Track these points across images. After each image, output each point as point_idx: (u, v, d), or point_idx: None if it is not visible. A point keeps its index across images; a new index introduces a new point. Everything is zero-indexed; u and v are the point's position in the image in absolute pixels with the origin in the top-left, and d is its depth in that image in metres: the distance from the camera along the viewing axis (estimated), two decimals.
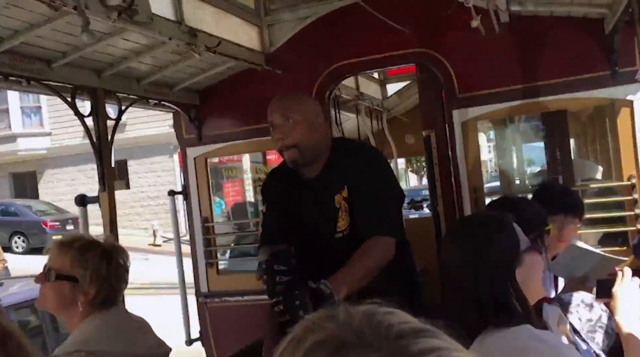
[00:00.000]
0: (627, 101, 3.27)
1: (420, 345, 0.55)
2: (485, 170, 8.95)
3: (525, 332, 1.40)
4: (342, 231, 2.34)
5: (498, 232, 1.51)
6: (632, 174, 3.26)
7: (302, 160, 2.30)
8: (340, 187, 2.33)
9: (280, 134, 2.28)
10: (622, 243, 3.34)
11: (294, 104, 2.34)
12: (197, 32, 3.05)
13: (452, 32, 3.48)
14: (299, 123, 2.27)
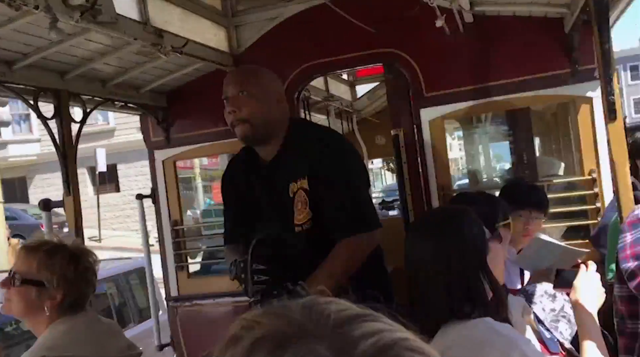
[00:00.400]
0: (586, 98, 3.36)
1: (362, 329, 0.55)
2: (457, 168, 9.07)
3: (483, 324, 1.43)
4: (302, 225, 2.16)
5: (466, 222, 1.55)
6: (592, 169, 3.35)
7: (254, 136, 2.17)
8: (297, 175, 2.16)
9: (232, 107, 2.16)
10: (585, 236, 3.43)
11: (250, 77, 2.23)
12: (163, 33, 3.03)
13: (418, 32, 3.53)
14: (253, 96, 2.15)
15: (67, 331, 1.90)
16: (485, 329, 1.42)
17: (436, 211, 2.12)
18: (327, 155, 2.15)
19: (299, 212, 2.16)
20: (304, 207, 2.15)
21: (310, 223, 2.15)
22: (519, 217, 2.68)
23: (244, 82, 2.18)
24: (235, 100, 2.15)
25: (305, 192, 2.15)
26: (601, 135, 3.30)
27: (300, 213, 2.15)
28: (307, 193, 2.14)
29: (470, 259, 1.50)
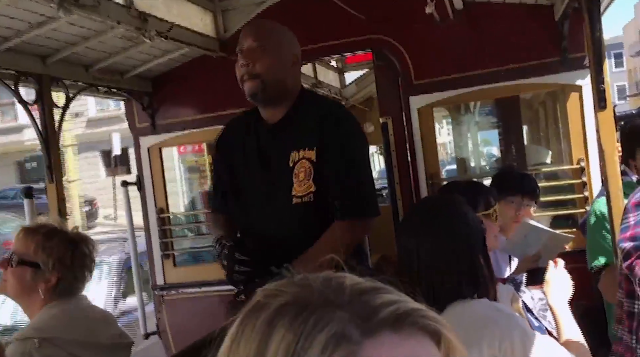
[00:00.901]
0: (576, 86, 3.35)
1: (381, 299, 0.58)
2: (446, 152, 9.09)
3: (484, 303, 1.53)
4: (302, 197, 1.99)
5: (466, 207, 1.64)
6: (581, 158, 3.35)
7: (263, 94, 2.02)
8: (303, 144, 2.02)
9: (246, 59, 2.01)
10: (572, 225, 3.44)
11: (270, 32, 2.08)
12: (148, 17, 2.96)
13: (408, 18, 3.49)
14: (270, 52, 2.01)
15: (58, 314, 1.91)
16: (487, 307, 1.51)
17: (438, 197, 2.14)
18: (341, 132, 2.03)
19: (299, 183, 1.99)
20: (307, 178, 1.99)
21: (311, 197, 1.98)
22: (510, 203, 2.69)
23: (263, 35, 2.04)
24: (250, 52, 2.01)
25: (311, 163, 1.99)
26: (590, 124, 3.30)
27: (301, 185, 1.99)
28: (313, 165, 1.99)
29: (475, 240, 1.58)
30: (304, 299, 0.58)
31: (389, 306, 0.58)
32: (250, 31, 2.09)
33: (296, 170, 2.00)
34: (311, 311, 0.57)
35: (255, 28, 2.15)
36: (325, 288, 0.60)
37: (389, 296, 0.60)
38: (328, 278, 0.62)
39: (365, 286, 0.61)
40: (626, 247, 1.70)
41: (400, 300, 0.59)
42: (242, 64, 2.02)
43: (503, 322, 1.47)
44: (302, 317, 0.56)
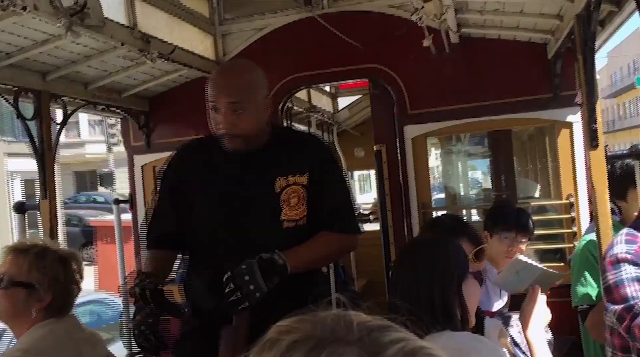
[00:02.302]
0: (567, 123, 3.43)
1: (389, 337, 0.61)
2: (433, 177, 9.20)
3: (466, 335, 1.58)
4: (296, 220, 2.03)
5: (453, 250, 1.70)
6: (570, 193, 3.41)
7: (246, 148, 2.00)
8: (291, 170, 2.04)
9: (225, 124, 1.95)
10: (560, 259, 3.49)
11: (245, 91, 1.98)
12: (150, 39, 3.00)
13: (405, 50, 3.56)
14: (248, 112, 1.96)
15: (45, 335, 1.88)
16: (470, 339, 1.55)
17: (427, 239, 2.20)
18: (326, 156, 2.13)
19: (291, 207, 2.02)
20: (301, 203, 2.02)
21: (305, 220, 2.04)
22: (504, 238, 2.72)
23: (240, 95, 1.96)
24: (228, 116, 1.94)
25: (304, 188, 2.03)
26: (580, 160, 3.37)
27: (294, 208, 2.02)
28: (305, 189, 2.03)
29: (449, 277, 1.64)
30: (315, 336, 0.61)
31: (397, 343, 0.60)
32: (225, 92, 1.96)
33: (284, 195, 2.01)
34: (323, 347, 0.59)
35: (230, 86, 1.99)
36: (335, 325, 0.62)
37: (396, 333, 0.62)
38: (338, 315, 0.64)
39: (373, 324, 0.63)
40: (617, 309, 1.73)
41: (407, 338, 0.62)
42: (221, 126, 1.96)
43: (485, 353, 1.50)
44: (314, 353, 0.59)
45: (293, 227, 2.02)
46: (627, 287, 1.71)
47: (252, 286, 1.84)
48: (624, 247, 1.79)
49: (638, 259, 1.74)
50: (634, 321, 1.66)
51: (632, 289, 1.71)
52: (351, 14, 3.67)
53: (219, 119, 1.97)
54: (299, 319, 0.64)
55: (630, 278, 1.72)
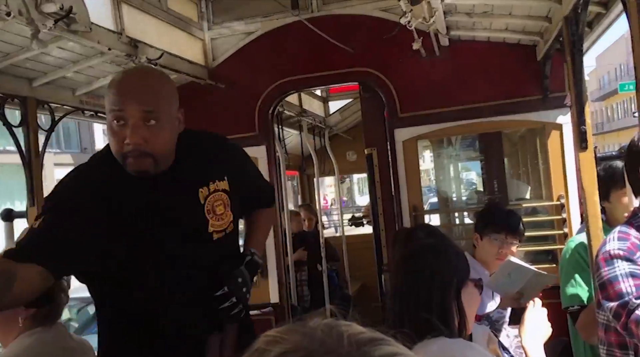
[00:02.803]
0: (557, 124, 3.44)
1: (381, 351, 0.59)
2: (429, 178, 9.22)
3: (460, 342, 1.57)
4: (225, 229, 1.83)
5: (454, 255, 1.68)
6: (561, 194, 3.42)
7: (155, 171, 1.68)
8: (209, 178, 1.82)
9: (134, 138, 1.59)
10: (552, 260, 3.49)
11: (159, 97, 1.64)
12: (138, 44, 2.97)
13: (395, 53, 3.56)
14: (163, 127, 1.64)
15: (33, 344, 1.85)
16: (463, 346, 1.55)
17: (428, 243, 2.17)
18: (236, 153, 2.00)
19: (217, 217, 1.81)
20: (227, 209, 1.83)
21: (232, 225, 1.87)
22: (494, 240, 2.71)
23: (154, 103, 1.62)
24: (139, 129, 1.59)
25: (226, 193, 1.84)
26: (570, 161, 3.38)
27: (221, 218, 1.82)
28: (228, 194, 1.84)
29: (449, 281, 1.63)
30: (305, 348, 0.59)
31: None
32: (136, 98, 1.61)
33: (208, 205, 1.80)
34: None
35: (142, 87, 1.65)
36: (326, 337, 0.60)
37: (388, 347, 0.60)
38: (329, 326, 0.62)
39: (365, 336, 0.61)
40: (612, 307, 1.72)
41: (398, 352, 0.60)
42: (129, 141, 1.60)
43: None
44: None
45: (223, 237, 1.84)
46: (622, 283, 1.72)
47: (245, 288, 1.83)
48: (617, 244, 1.79)
49: (631, 255, 1.75)
50: (630, 317, 1.65)
51: (626, 284, 1.71)
52: (340, 17, 3.66)
53: (126, 133, 1.59)
54: (289, 329, 0.63)
55: (624, 274, 1.72)
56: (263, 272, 3.75)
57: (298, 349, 0.59)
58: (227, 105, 3.82)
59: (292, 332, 0.62)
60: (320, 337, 0.60)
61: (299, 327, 0.63)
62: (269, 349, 0.60)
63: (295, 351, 0.59)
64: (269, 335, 0.63)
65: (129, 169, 1.66)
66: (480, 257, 2.77)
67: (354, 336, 0.61)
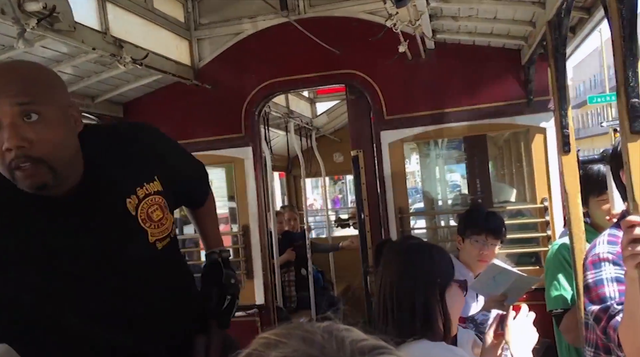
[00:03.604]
0: (540, 128, 3.47)
1: None
2: (414, 180, 9.27)
3: (442, 346, 1.58)
4: (169, 235, 1.61)
5: (438, 256, 1.71)
6: (544, 197, 3.45)
7: (54, 182, 1.35)
8: (137, 184, 1.55)
9: (13, 139, 1.28)
10: (535, 262, 3.52)
11: (41, 87, 1.34)
12: (123, 43, 2.95)
13: (381, 55, 3.57)
14: (49, 122, 1.32)
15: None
16: (444, 349, 1.56)
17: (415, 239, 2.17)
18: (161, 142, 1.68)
19: (156, 224, 1.57)
20: (166, 212, 1.59)
21: (174, 228, 1.65)
22: (475, 242, 2.73)
23: (32, 93, 1.31)
24: (18, 127, 1.28)
25: (160, 194, 1.59)
26: (553, 165, 3.41)
27: (161, 224, 1.58)
28: (163, 195, 1.59)
29: (431, 284, 1.64)
30: (304, 353, 0.58)
31: None
32: (8, 83, 1.31)
33: (142, 214, 1.55)
34: None
35: (15, 77, 1.33)
36: (326, 343, 0.59)
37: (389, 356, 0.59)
38: (329, 331, 0.61)
39: (366, 344, 0.60)
40: (594, 310, 1.73)
41: None
42: (11, 146, 1.28)
43: None
44: None
45: (168, 244, 1.62)
46: (606, 286, 1.72)
47: (235, 281, 1.84)
48: (606, 248, 1.80)
49: (619, 259, 1.75)
50: (609, 323, 1.67)
51: (610, 289, 1.71)
52: (327, 19, 3.67)
53: (4, 138, 1.28)
54: (287, 332, 0.61)
55: (609, 278, 1.73)
56: (248, 269, 3.76)
57: (297, 354, 0.58)
58: (213, 106, 3.81)
59: (290, 335, 0.60)
60: (320, 342, 0.59)
61: (297, 330, 0.61)
62: (266, 352, 0.59)
63: (294, 356, 0.57)
64: (267, 337, 0.61)
65: (22, 186, 1.33)
66: (463, 260, 2.79)
67: (356, 343, 0.60)
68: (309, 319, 0.95)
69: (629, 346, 1.60)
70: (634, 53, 1.49)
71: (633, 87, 1.50)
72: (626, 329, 1.59)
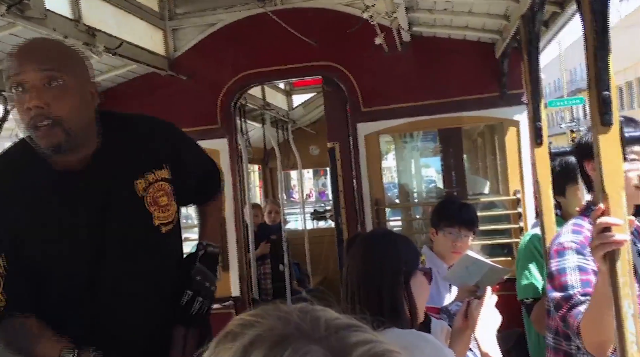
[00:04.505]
0: (514, 121, 3.52)
1: (356, 337, 0.59)
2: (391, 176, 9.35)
3: (413, 333, 1.59)
4: (172, 221, 1.73)
5: (403, 245, 1.72)
6: (517, 190, 3.51)
7: (67, 145, 1.52)
8: (146, 168, 1.68)
9: (37, 100, 1.47)
10: (508, 254, 3.58)
11: (62, 59, 1.54)
12: (96, 32, 2.90)
13: (358, 47, 3.57)
14: (69, 89, 1.50)
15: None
16: (416, 337, 1.56)
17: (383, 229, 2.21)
18: (175, 136, 1.82)
19: (162, 208, 1.70)
20: (171, 199, 1.71)
21: (177, 216, 1.76)
22: (448, 234, 2.76)
23: (56, 65, 1.50)
24: (41, 91, 1.48)
25: (168, 181, 1.71)
26: (526, 157, 3.46)
27: (166, 210, 1.71)
28: (170, 182, 1.72)
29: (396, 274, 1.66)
30: (280, 331, 0.58)
31: (363, 345, 0.58)
32: (34, 57, 1.51)
33: (149, 198, 1.68)
34: (287, 342, 0.57)
35: (40, 53, 1.53)
36: (301, 321, 0.59)
37: (364, 334, 0.60)
38: (304, 311, 0.62)
39: (341, 322, 0.61)
40: (555, 297, 1.77)
41: (374, 340, 0.60)
42: (31, 106, 1.47)
43: (429, 352, 1.50)
44: (277, 348, 0.56)
45: (171, 229, 1.74)
46: (569, 275, 1.76)
47: (208, 283, 1.80)
48: (570, 237, 1.84)
49: (582, 248, 1.79)
50: (570, 311, 1.71)
51: (572, 277, 1.75)
52: (304, 10, 3.66)
53: (27, 99, 1.48)
54: (263, 313, 0.62)
55: (572, 267, 1.77)
56: (224, 262, 3.73)
57: (273, 332, 0.58)
58: (188, 97, 3.77)
59: (266, 315, 0.61)
60: (296, 321, 0.60)
61: (273, 311, 0.62)
62: (243, 332, 0.59)
63: (269, 334, 0.58)
64: (242, 318, 0.62)
65: (40, 144, 1.52)
66: (437, 251, 2.82)
67: (331, 321, 0.60)
68: None
69: (592, 337, 1.63)
70: (605, 47, 1.53)
71: (604, 81, 1.54)
72: (591, 322, 1.62)
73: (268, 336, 0.58)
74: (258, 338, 0.58)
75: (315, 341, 0.57)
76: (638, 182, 1.81)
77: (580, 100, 26.94)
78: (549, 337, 2.01)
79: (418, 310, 1.68)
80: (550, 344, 2.00)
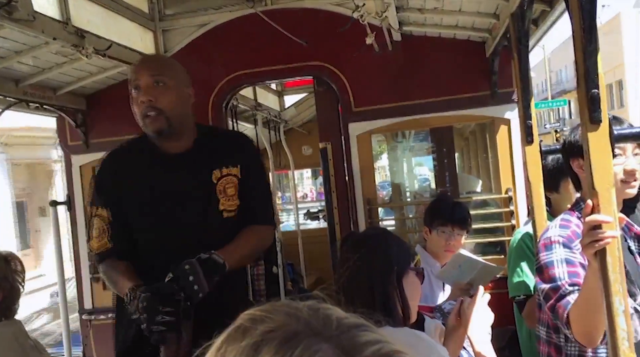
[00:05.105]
0: (505, 119, 3.54)
1: (366, 337, 0.59)
2: (385, 175, 9.38)
3: (406, 331, 1.60)
4: (233, 211, 2.13)
5: (395, 244, 1.73)
6: (509, 188, 3.52)
7: (169, 130, 2.06)
8: (224, 163, 2.14)
9: (147, 96, 2.02)
10: (500, 252, 3.59)
11: (166, 67, 2.14)
12: (85, 34, 2.88)
13: (348, 47, 3.57)
14: (170, 89, 2.06)
15: None
16: (408, 334, 1.57)
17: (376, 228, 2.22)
18: (255, 154, 2.28)
19: (228, 198, 2.12)
20: (234, 193, 2.13)
21: (237, 211, 2.14)
22: (441, 233, 2.77)
23: (160, 72, 2.08)
24: (150, 90, 2.03)
25: (237, 178, 2.13)
26: (518, 155, 3.48)
27: (231, 199, 2.12)
28: (238, 180, 2.13)
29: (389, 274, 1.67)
30: (291, 327, 0.58)
31: (373, 345, 0.58)
32: (146, 67, 2.12)
33: (220, 186, 2.11)
34: (298, 340, 0.57)
35: (152, 64, 2.18)
36: (312, 319, 0.60)
37: (373, 335, 0.60)
38: (315, 308, 0.62)
39: (351, 321, 0.61)
40: (544, 288, 1.80)
41: (383, 340, 0.60)
42: (143, 100, 2.03)
43: (422, 349, 1.52)
44: (288, 346, 0.56)
45: (233, 217, 2.11)
46: (556, 268, 1.79)
47: (197, 286, 1.84)
48: (558, 231, 1.87)
49: (569, 242, 1.82)
50: (559, 302, 1.73)
51: (560, 270, 1.78)
52: (294, 10, 3.65)
53: (140, 96, 2.03)
54: (273, 308, 0.62)
55: (559, 260, 1.80)
56: None
57: (284, 328, 0.58)
58: None
59: (277, 311, 0.61)
60: (306, 318, 0.60)
61: (284, 307, 0.62)
62: (253, 326, 0.59)
63: (280, 330, 0.58)
64: (252, 313, 0.62)
65: (148, 127, 2.05)
66: (430, 250, 2.83)
67: (341, 320, 0.61)
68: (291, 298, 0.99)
69: (580, 326, 1.67)
70: (594, 45, 1.53)
71: (593, 79, 1.54)
72: (579, 313, 1.65)
73: (279, 332, 0.58)
74: (269, 334, 0.58)
75: (325, 339, 0.57)
76: (624, 176, 1.83)
77: (564, 102, 27.69)
78: (541, 331, 2.03)
79: (410, 310, 1.68)
80: (542, 337, 2.02)
